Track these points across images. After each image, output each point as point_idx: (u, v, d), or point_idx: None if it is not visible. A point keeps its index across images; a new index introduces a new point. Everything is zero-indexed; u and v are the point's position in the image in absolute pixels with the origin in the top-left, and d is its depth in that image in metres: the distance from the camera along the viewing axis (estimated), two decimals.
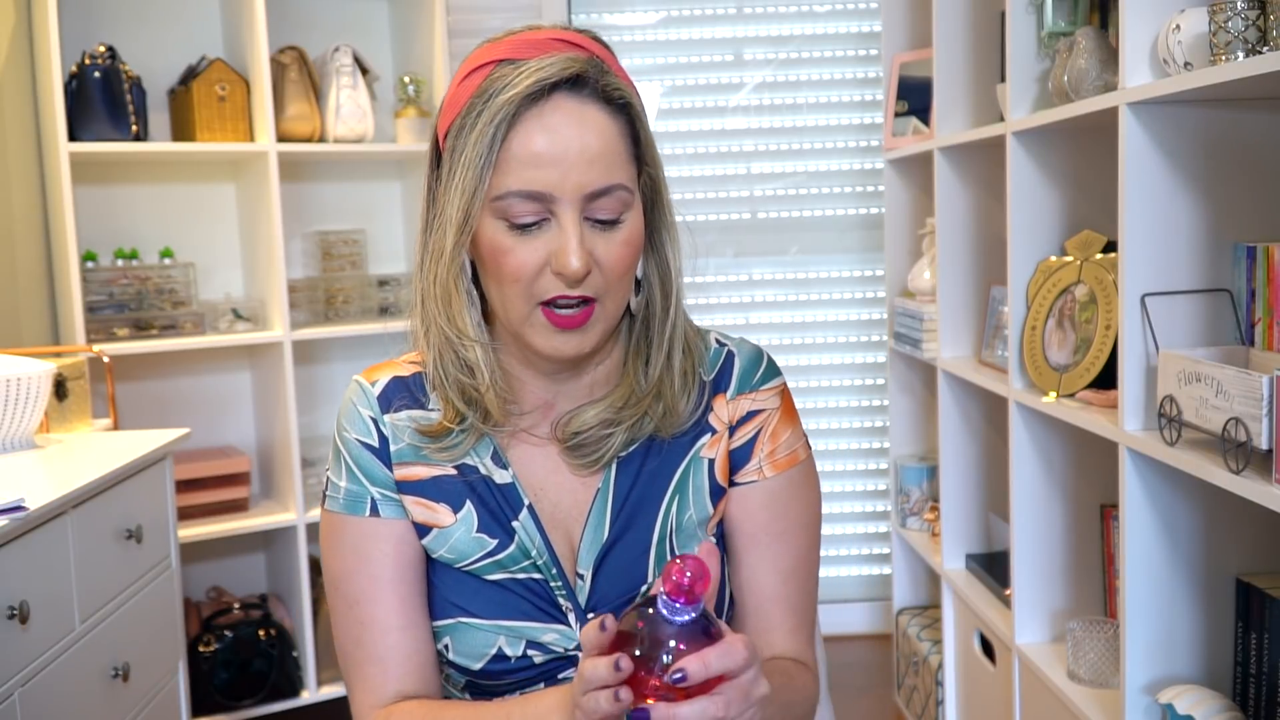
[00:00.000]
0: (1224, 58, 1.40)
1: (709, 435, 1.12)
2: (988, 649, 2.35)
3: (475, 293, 1.08)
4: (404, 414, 1.11)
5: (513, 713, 1.00)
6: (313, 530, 3.03)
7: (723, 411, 1.13)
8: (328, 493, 1.12)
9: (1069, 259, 2.00)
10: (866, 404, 3.51)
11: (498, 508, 1.09)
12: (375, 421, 1.11)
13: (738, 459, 1.13)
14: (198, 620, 2.85)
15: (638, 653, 0.83)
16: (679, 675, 0.81)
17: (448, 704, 1.07)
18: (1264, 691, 1.62)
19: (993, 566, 2.42)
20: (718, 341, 1.16)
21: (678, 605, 0.83)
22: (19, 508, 1.61)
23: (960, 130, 2.41)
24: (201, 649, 2.75)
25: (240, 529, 2.83)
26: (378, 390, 1.12)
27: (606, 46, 1.07)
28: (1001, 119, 2.20)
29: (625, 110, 1.03)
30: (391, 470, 1.10)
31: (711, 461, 1.12)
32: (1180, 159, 1.63)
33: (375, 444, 1.10)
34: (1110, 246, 1.92)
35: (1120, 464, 1.68)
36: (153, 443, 2.11)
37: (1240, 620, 1.68)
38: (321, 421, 3.22)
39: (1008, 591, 2.21)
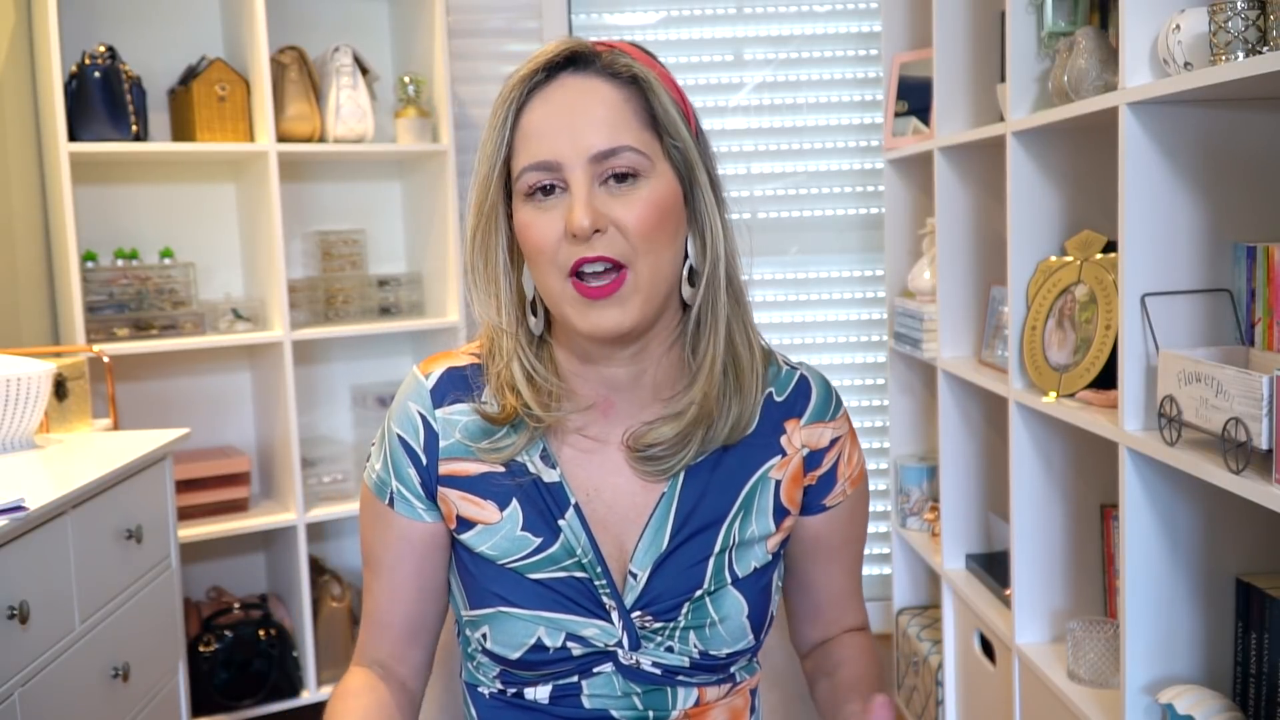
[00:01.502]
0: (1224, 58, 1.40)
1: (779, 457, 1.13)
2: (988, 649, 2.35)
3: (513, 281, 1.08)
4: (456, 408, 1.10)
5: None
6: (312, 530, 3.03)
7: (795, 437, 1.14)
8: (368, 463, 1.16)
9: (1069, 259, 2.00)
10: (866, 404, 3.50)
11: (544, 506, 1.09)
12: (424, 417, 1.10)
13: (824, 486, 1.16)
14: (198, 620, 2.85)
15: None
16: None
17: (360, 709, 1.08)
18: (1264, 691, 1.62)
19: (993, 566, 2.42)
20: (786, 363, 1.18)
21: None
22: (19, 508, 1.61)
23: (960, 130, 2.41)
24: (201, 649, 2.76)
25: (240, 529, 2.83)
26: (431, 383, 1.11)
27: (649, 53, 1.07)
28: (1001, 119, 2.20)
29: (635, 83, 1.03)
30: (437, 468, 1.10)
31: (778, 483, 1.13)
32: (1180, 159, 1.63)
33: (419, 443, 1.10)
34: (1110, 246, 1.92)
35: (1120, 464, 1.67)
36: (153, 443, 2.11)
37: (1240, 620, 1.68)
38: (321, 421, 3.22)
39: (1008, 591, 2.21)
